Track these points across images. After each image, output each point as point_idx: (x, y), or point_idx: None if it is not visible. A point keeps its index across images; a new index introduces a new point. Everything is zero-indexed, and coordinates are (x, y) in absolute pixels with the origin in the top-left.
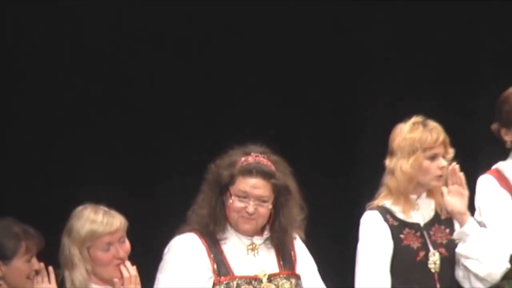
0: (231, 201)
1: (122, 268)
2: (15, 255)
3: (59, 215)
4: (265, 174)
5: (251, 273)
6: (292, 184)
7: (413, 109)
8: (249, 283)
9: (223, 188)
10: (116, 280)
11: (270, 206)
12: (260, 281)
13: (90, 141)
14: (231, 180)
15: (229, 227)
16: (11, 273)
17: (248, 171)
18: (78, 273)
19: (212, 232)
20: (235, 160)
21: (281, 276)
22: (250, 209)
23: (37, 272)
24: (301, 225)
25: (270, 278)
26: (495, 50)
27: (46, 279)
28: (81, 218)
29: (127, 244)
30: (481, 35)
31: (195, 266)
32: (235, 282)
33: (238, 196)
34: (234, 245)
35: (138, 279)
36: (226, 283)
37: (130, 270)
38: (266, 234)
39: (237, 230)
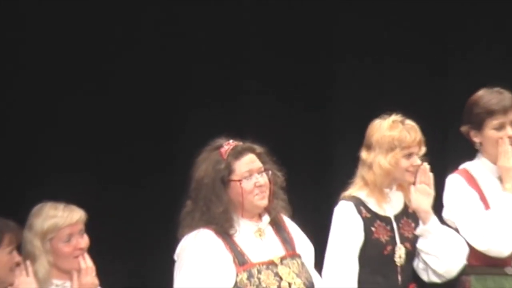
0: (241, 186)
1: (80, 259)
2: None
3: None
4: (249, 148)
5: (265, 258)
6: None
7: (387, 106)
8: (268, 268)
9: (225, 182)
10: (74, 272)
11: (267, 178)
12: (275, 265)
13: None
14: (228, 169)
15: (235, 218)
16: None
17: (239, 153)
18: (41, 266)
19: (225, 228)
20: (215, 155)
21: (288, 257)
22: (261, 180)
23: (17, 264)
24: (287, 205)
25: (282, 261)
26: (464, 50)
27: (24, 272)
28: (41, 213)
29: (86, 237)
30: (452, 37)
31: (219, 259)
32: (255, 269)
33: (245, 178)
34: (243, 235)
35: (94, 271)
36: (248, 271)
37: (87, 262)
38: (266, 218)
39: (250, 212)
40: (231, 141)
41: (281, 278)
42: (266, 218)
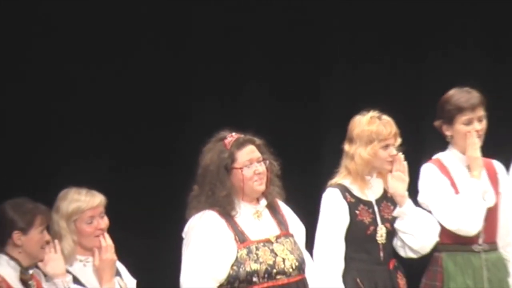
0: (242, 173)
1: (101, 238)
2: (31, 227)
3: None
4: (250, 140)
5: (262, 237)
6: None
7: (367, 103)
8: (264, 245)
9: (228, 168)
10: (95, 249)
11: (265, 167)
12: (271, 242)
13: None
14: (231, 158)
15: (237, 201)
16: (29, 243)
17: (241, 144)
18: (66, 244)
19: (227, 210)
20: (220, 146)
21: (282, 236)
22: (260, 169)
23: (47, 243)
24: (281, 191)
25: (277, 239)
26: (442, 49)
27: (53, 249)
28: (66, 197)
29: (106, 218)
30: (431, 30)
31: (221, 237)
32: (253, 246)
33: (246, 166)
34: (243, 216)
35: (113, 248)
36: (247, 248)
37: (107, 240)
38: (263, 201)
39: (250, 196)
40: (233, 133)
41: (276, 254)
42: (263, 201)
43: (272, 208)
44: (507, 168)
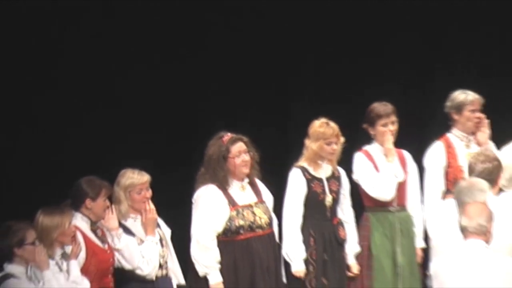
0: (234, 161)
1: (147, 204)
2: (99, 196)
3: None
4: (240, 138)
5: (246, 202)
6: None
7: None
8: (247, 208)
9: (225, 157)
10: (142, 211)
11: (249, 157)
12: (252, 206)
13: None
14: (227, 150)
15: (230, 179)
16: (96, 207)
17: (233, 141)
18: (123, 206)
19: (223, 184)
20: (220, 142)
21: (259, 203)
22: (246, 158)
23: (108, 207)
24: (259, 173)
25: (256, 205)
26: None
27: (111, 212)
28: (124, 175)
29: (150, 190)
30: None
31: (220, 201)
32: (240, 209)
33: (237, 156)
34: (233, 189)
35: (155, 210)
36: (236, 210)
37: (151, 205)
38: (246, 179)
39: (237, 177)
40: (229, 133)
41: (255, 214)
42: (246, 179)
43: (252, 184)
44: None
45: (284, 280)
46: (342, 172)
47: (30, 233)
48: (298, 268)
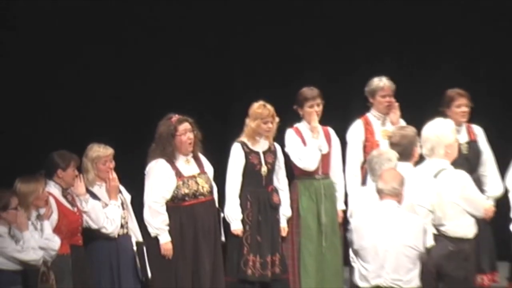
0: (181, 138)
1: (110, 173)
2: (68, 167)
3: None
4: (186, 119)
5: (190, 173)
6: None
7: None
8: (192, 178)
9: (173, 135)
10: (107, 179)
11: (193, 135)
12: (195, 177)
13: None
14: (175, 129)
15: (176, 154)
16: (67, 176)
17: (180, 121)
18: (90, 175)
19: (171, 158)
20: (169, 122)
21: (201, 174)
22: (191, 136)
23: (76, 176)
24: (201, 148)
25: (198, 175)
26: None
27: (79, 180)
28: (91, 149)
29: (113, 162)
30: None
31: (169, 173)
32: (186, 179)
33: (183, 134)
34: (180, 162)
35: (117, 179)
36: (182, 180)
37: (114, 175)
38: (190, 154)
39: (183, 152)
40: (176, 115)
41: (198, 184)
42: (191, 154)
43: (196, 158)
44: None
45: (223, 238)
46: (277, 147)
47: (13, 200)
48: (236, 227)
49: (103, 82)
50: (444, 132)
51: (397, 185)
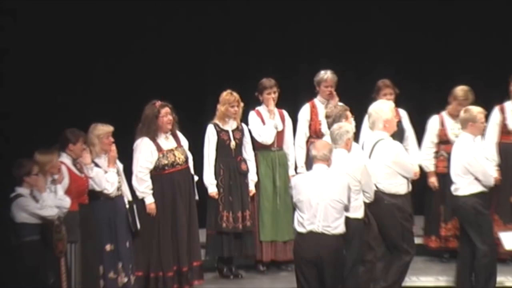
0: (162, 119)
1: (111, 146)
2: (78, 141)
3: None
4: (166, 104)
5: (169, 147)
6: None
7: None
8: (170, 152)
9: (156, 117)
10: (108, 151)
11: (172, 116)
12: (173, 150)
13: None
14: (158, 112)
15: (158, 133)
16: (76, 149)
17: (162, 106)
18: (96, 148)
19: (153, 136)
20: (153, 106)
21: (178, 147)
22: (170, 117)
23: (84, 149)
24: (179, 127)
25: (176, 148)
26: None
27: (86, 153)
28: (96, 127)
29: (112, 138)
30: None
31: (151, 148)
32: (165, 152)
33: (164, 116)
34: (161, 139)
35: (115, 151)
36: (162, 153)
37: (113, 147)
38: (169, 132)
39: (164, 130)
40: (159, 101)
41: (175, 156)
42: (169, 132)
43: (174, 135)
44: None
45: (196, 197)
46: (244, 126)
47: (34, 167)
48: (212, 191)
49: (105, 76)
50: (383, 109)
51: (327, 152)
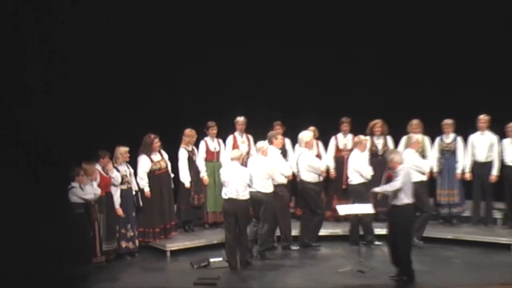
0: (154, 145)
1: (127, 158)
2: (105, 157)
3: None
4: (156, 136)
5: (157, 160)
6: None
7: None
8: (158, 162)
9: (151, 143)
10: (124, 162)
11: (159, 143)
12: (159, 162)
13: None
14: (152, 140)
15: (151, 152)
16: (104, 161)
17: (154, 137)
18: (119, 160)
19: (149, 154)
20: (149, 137)
21: (162, 159)
22: (159, 143)
23: (109, 161)
24: (162, 148)
25: (161, 160)
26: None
27: (110, 163)
28: (119, 148)
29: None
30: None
31: (147, 161)
32: (156, 163)
33: (155, 143)
34: (153, 155)
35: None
36: (154, 164)
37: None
38: (158, 152)
39: (154, 151)
40: (152, 134)
41: (161, 164)
42: (158, 151)
43: (160, 152)
44: None
45: (172, 186)
46: (195, 148)
47: (81, 171)
48: (187, 185)
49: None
50: (305, 136)
51: (238, 154)
